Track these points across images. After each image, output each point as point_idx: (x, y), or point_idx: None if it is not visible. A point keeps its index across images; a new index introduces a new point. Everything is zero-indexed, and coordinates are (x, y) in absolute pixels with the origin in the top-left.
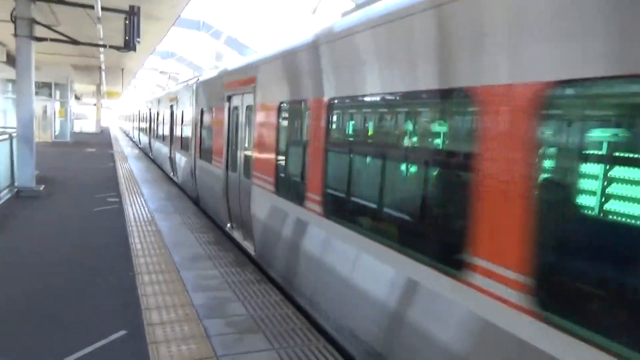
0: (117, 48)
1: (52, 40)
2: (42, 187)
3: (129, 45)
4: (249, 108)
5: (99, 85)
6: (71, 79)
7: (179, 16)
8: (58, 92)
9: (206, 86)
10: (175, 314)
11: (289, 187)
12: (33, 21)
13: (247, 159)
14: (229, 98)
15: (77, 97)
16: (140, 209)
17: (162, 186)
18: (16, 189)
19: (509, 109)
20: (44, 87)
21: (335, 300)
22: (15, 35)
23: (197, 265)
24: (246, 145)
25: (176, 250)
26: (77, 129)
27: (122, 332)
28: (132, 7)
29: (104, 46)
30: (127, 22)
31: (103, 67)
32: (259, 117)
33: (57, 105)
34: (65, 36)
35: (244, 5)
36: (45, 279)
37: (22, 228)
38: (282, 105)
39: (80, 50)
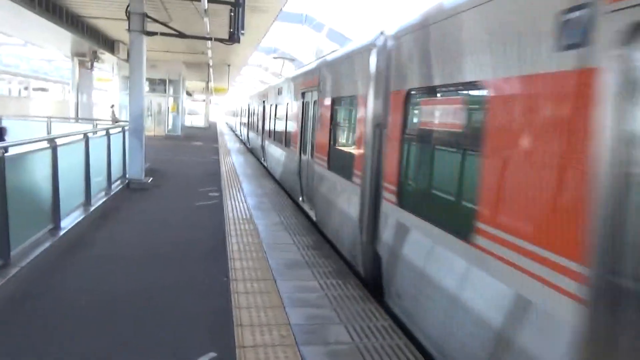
0: (222, 40)
1: (162, 34)
2: (150, 180)
3: (234, 37)
4: None
5: (207, 82)
6: (183, 75)
7: (282, 9)
8: (171, 88)
9: (427, 43)
10: (270, 335)
11: None
12: (145, 16)
13: None
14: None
15: (188, 94)
16: (239, 205)
17: (261, 182)
18: (127, 181)
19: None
20: (160, 84)
21: None
22: (129, 30)
23: (295, 274)
24: None
25: (273, 254)
26: (187, 123)
27: (210, 355)
28: None
29: (210, 39)
30: (232, 13)
31: (211, 63)
32: None
33: (171, 100)
34: (174, 29)
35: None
36: (138, 277)
37: (126, 220)
38: None
39: (190, 47)
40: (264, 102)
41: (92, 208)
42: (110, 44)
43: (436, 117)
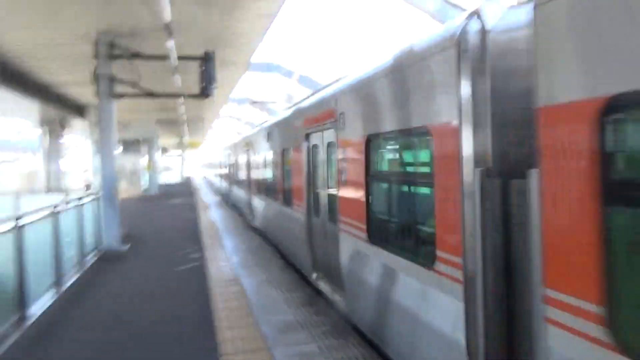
0: (194, 96)
1: (131, 96)
2: (126, 247)
3: (206, 92)
4: None
5: (181, 138)
6: (157, 134)
7: (250, 61)
8: (145, 147)
9: None
10: None
11: None
12: (112, 79)
13: None
14: None
15: (163, 150)
16: (222, 264)
17: (243, 236)
18: (103, 251)
19: None
20: (134, 144)
21: None
22: (97, 94)
23: (291, 339)
24: None
25: (264, 318)
26: (162, 180)
27: None
28: (206, 54)
29: (181, 96)
30: (202, 68)
31: (185, 118)
32: None
33: (145, 159)
34: (143, 89)
35: (312, 44)
36: None
37: (101, 299)
38: None
39: (163, 105)
40: (248, 151)
41: (64, 288)
42: (79, 109)
43: None
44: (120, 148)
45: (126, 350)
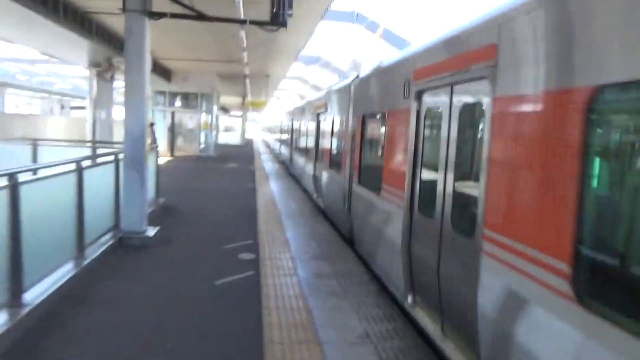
0: (261, 24)
1: (172, 16)
2: (154, 231)
3: (277, 18)
4: None
5: (243, 96)
6: (217, 88)
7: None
8: (204, 103)
9: None
10: None
11: None
12: None
13: None
14: None
15: (224, 109)
16: (286, 282)
17: (312, 224)
18: (120, 234)
19: None
20: (192, 99)
21: None
22: (124, 10)
23: None
24: None
25: None
26: (222, 141)
27: None
28: None
29: (244, 22)
30: None
31: (247, 71)
32: None
33: (203, 116)
34: (190, 9)
35: None
36: None
37: (85, 332)
38: None
39: (224, 54)
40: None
41: (26, 309)
42: None
43: None
44: (179, 102)
45: None
